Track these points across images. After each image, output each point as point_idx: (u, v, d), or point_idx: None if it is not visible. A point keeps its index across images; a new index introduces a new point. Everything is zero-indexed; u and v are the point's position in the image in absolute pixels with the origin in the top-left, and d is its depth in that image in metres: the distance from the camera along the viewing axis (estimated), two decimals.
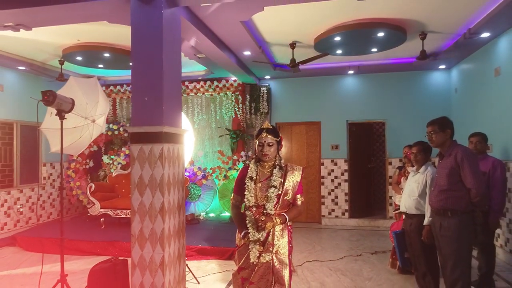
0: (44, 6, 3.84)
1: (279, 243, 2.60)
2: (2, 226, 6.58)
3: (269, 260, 2.56)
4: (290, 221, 2.65)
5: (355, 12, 4.55)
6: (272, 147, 2.62)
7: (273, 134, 2.64)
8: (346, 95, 7.71)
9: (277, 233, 2.61)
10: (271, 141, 2.62)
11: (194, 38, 4.77)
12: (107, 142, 8.29)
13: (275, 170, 2.64)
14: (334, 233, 7.02)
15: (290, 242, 2.68)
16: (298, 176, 2.67)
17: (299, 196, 2.67)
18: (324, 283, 4.39)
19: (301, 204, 2.68)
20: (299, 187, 2.66)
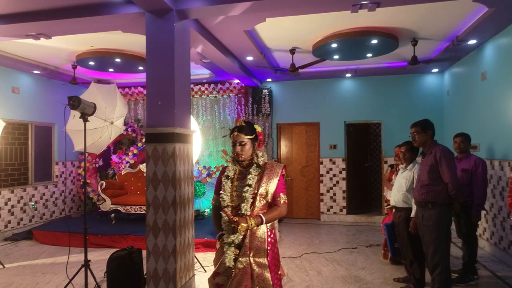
0: (65, 19, 4.23)
1: (257, 247, 2.42)
2: (19, 221, 6.98)
3: (246, 265, 2.38)
4: (269, 223, 2.48)
5: (350, 21, 4.91)
6: (246, 146, 2.49)
7: (245, 132, 2.50)
8: (344, 97, 8.08)
9: (255, 235, 2.44)
10: (243, 140, 2.48)
11: (201, 46, 5.15)
12: (116, 142, 8.68)
13: (252, 168, 2.50)
14: (332, 228, 7.39)
15: (273, 246, 2.49)
16: (277, 175, 2.51)
17: (281, 195, 2.49)
18: (321, 272, 4.77)
19: (284, 204, 2.50)
20: (279, 186, 2.49)
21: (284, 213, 2.55)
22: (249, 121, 2.66)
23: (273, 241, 2.49)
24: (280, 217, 2.54)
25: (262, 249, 2.42)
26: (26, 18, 4.33)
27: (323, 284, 4.34)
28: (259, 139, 2.61)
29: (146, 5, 3.75)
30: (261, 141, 2.66)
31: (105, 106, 4.01)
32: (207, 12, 4.02)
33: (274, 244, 2.50)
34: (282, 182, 2.54)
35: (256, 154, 2.56)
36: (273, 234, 2.52)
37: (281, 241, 6.33)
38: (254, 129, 2.57)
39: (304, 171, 8.34)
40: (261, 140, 2.65)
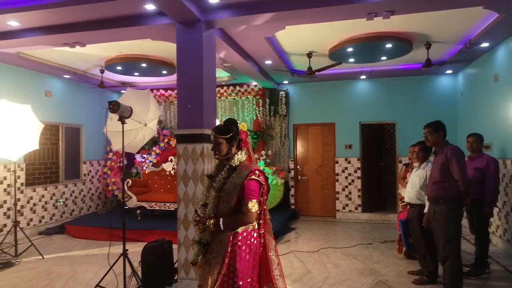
0: (101, 30, 4.61)
1: (216, 249, 2.37)
2: (51, 217, 7.44)
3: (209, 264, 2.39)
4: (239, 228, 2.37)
5: (365, 27, 5.15)
6: (220, 145, 2.47)
7: (220, 132, 2.47)
8: (359, 98, 8.30)
9: (216, 238, 2.39)
10: (218, 139, 2.47)
11: (224, 52, 5.48)
12: None
13: (224, 169, 2.49)
14: (347, 225, 7.63)
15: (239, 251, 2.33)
16: (242, 178, 2.36)
17: (246, 201, 2.33)
18: (338, 265, 5.03)
19: (247, 212, 2.32)
20: (245, 191, 2.33)
21: (246, 222, 2.36)
22: (232, 120, 2.55)
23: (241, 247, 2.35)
24: (242, 225, 2.38)
25: (220, 253, 2.35)
26: (64, 29, 4.72)
27: (341, 276, 4.60)
28: (240, 138, 2.52)
29: (177, 16, 4.09)
30: (244, 141, 2.55)
31: (139, 110, 4.36)
32: (232, 22, 4.35)
33: (242, 250, 2.35)
34: (250, 188, 2.34)
35: (231, 154, 2.49)
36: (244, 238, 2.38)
37: (298, 237, 6.61)
38: (230, 129, 2.48)
39: (320, 170, 8.60)
40: (243, 140, 2.55)
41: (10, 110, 5.27)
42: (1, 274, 4.82)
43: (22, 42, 5.03)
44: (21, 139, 5.34)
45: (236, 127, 2.52)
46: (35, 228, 7.01)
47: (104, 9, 4.18)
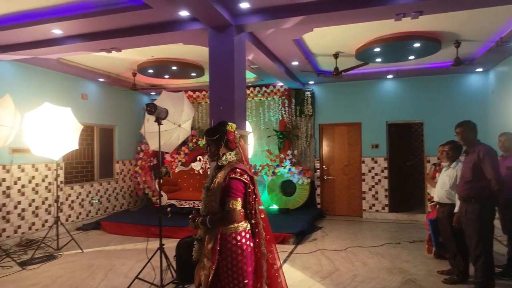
0: (136, 36, 4.85)
1: (207, 246, 2.45)
2: (87, 213, 7.83)
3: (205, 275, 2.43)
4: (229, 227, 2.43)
5: (392, 27, 5.16)
6: (210, 147, 2.58)
7: (207, 133, 2.59)
8: (386, 98, 8.27)
9: (208, 236, 2.48)
10: (208, 141, 2.59)
11: (252, 54, 5.63)
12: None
13: (213, 169, 2.58)
14: (374, 225, 7.63)
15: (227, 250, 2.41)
16: (223, 177, 2.44)
17: (228, 200, 2.39)
18: (366, 263, 5.08)
19: (228, 209, 2.38)
20: (228, 190, 2.41)
21: (229, 220, 2.40)
22: (222, 122, 2.65)
23: (232, 248, 2.41)
24: (226, 223, 2.43)
25: (208, 249, 2.44)
26: (103, 35, 5.00)
27: (369, 274, 4.66)
28: (227, 139, 2.57)
29: (210, 22, 4.28)
30: (231, 141, 2.60)
31: (173, 111, 4.58)
32: (262, 26, 4.49)
33: (232, 250, 2.41)
34: (232, 186, 2.40)
35: (219, 155, 2.56)
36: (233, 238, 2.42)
37: (325, 236, 6.68)
38: (217, 131, 2.57)
39: (346, 170, 8.62)
40: (231, 140, 2.59)
41: (52, 112, 5.62)
42: (46, 266, 5.16)
43: (64, 48, 5.36)
44: (63, 140, 5.67)
45: (224, 128, 2.59)
46: (73, 224, 7.40)
47: (141, 16, 4.41)
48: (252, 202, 2.53)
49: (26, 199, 6.46)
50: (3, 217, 6.05)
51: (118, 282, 4.50)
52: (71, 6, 4.35)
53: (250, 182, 2.51)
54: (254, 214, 2.55)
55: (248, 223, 2.53)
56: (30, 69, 6.58)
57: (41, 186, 6.75)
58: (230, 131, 2.60)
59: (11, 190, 6.19)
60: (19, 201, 6.33)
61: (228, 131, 2.59)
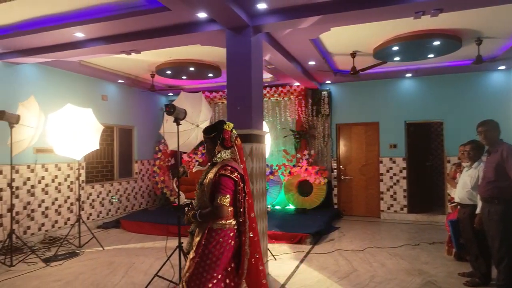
0: (154, 38, 4.94)
1: (196, 239, 2.56)
2: (108, 212, 8.01)
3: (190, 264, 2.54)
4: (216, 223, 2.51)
5: (411, 25, 5.10)
6: (207, 144, 2.71)
7: (205, 131, 2.71)
8: (404, 97, 8.15)
9: (198, 230, 2.58)
10: (205, 139, 2.71)
11: (269, 54, 5.65)
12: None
13: (208, 165, 2.68)
14: (392, 226, 7.53)
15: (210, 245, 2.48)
16: (214, 173, 2.53)
17: (217, 195, 2.47)
18: (385, 264, 5.03)
19: (216, 204, 2.45)
20: (217, 186, 2.48)
21: (217, 215, 2.48)
22: (220, 121, 2.72)
23: (213, 243, 2.48)
24: (214, 218, 2.49)
25: (195, 242, 2.56)
26: (123, 38, 5.11)
27: (387, 275, 4.61)
28: (223, 137, 2.64)
29: (227, 23, 4.32)
30: (227, 140, 2.66)
31: (191, 112, 4.64)
32: (279, 26, 4.51)
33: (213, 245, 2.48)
34: (221, 183, 2.48)
35: (214, 152, 2.66)
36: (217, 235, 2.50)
37: (342, 236, 6.64)
38: (214, 129, 2.67)
39: (364, 170, 8.53)
40: (226, 139, 2.65)
41: (74, 113, 5.78)
42: (69, 263, 5.31)
43: (85, 51, 5.50)
44: (84, 140, 5.82)
45: (221, 127, 2.67)
46: (94, 222, 7.58)
47: (160, 18, 4.49)
48: (242, 200, 2.57)
49: (49, 198, 6.66)
50: (28, 215, 6.26)
51: (138, 279, 4.60)
52: (92, 9, 4.47)
53: (240, 180, 2.55)
54: (243, 212, 2.58)
55: (236, 221, 2.60)
56: (53, 71, 6.79)
57: (64, 185, 6.95)
58: (226, 130, 2.66)
59: (35, 189, 6.40)
60: (43, 200, 6.54)
61: (225, 129, 2.66)
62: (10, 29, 5.01)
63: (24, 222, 6.20)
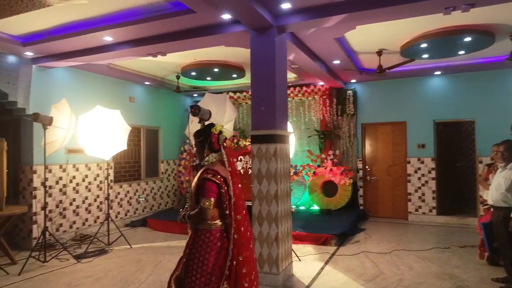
0: (181, 40, 5.01)
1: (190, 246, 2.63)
2: (135, 211, 8.20)
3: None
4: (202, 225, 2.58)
5: (441, 21, 4.93)
6: (197, 147, 2.77)
7: (194, 135, 2.77)
8: (433, 95, 7.90)
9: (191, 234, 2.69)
10: (195, 142, 2.79)
11: (293, 54, 5.62)
12: None
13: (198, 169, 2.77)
14: (421, 228, 7.32)
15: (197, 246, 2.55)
16: (197, 176, 2.61)
17: (201, 199, 2.52)
18: (413, 268, 4.90)
19: (200, 208, 2.51)
20: (201, 189, 2.54)
21: (201, 217, 2.53)
22: (210, 124, 2.80)
23: (199, 242, 2.55)
24: (198, 220, 2.56)
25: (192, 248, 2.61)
26: (149, 41, 5.22)
27: (416, 279, 4.48)
28: (211, 140, 2.69)
29: (251, 24, 4.33)
30: (213, 143, 2.70)
31: (216, 112, 4.68)
32: (303, 25, 4.48)
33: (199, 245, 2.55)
34: (204, 186, 2.52)
35: (202, 155, 2.72)
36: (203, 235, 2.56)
37: (368, 238, 6.52)
38: (202, 133, 2.74)
39: (390, 171, 8.34)
40: (213, 142, 2.70)
41: (103, 115, 5.95)
42: (98, 260, 5.48)
43: (114, 54, 5.65)
44: (112, 140, 5.99)
45: (208, 130, 2.71)
46: (122, 221, 7.79)
47: (185, 21, 4.56)
48: (227, 202, 2.56)
49: (80, 197, 6.89)
50: (60, 213, 6.50)
51: (165, 277, 4.66)
52: (120, 14, 4.59)
53: (223, 183, 2.56)
54: (228, 215, 2.57)
55: (223, 222, 2.61)
56: (83, 74, 7.02)
57: (93, 184, 7.18)
58: (213, 134, 2.71)
59: (67, 187, 6.64)
60: (74, 198, 6.78)
61: (212, 133, 2.71)
62: (44, 35, 5.23)
63: (57, 219, 6.45)
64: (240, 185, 2.65)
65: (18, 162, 6.30)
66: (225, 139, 2.72)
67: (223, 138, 2.72)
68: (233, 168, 2.68)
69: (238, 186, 2.63)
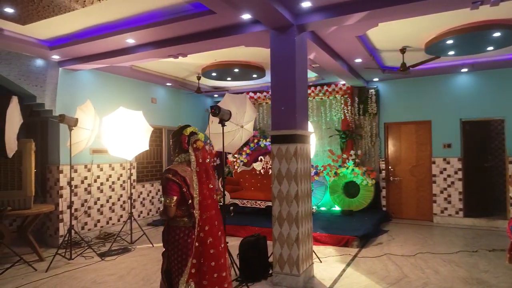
0: (201, 41, 5.04)
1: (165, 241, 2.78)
2: (157, 210, 8.33)
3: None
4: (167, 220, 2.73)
5: (468, 16, 4.76)
6: (171, 148, 2.90)
7: (171, 135, 2.91)
8: (459, 93, 7.65)
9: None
10: (171, 143, 2.91)
11: (313, 53, 5.56)
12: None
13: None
14: (447, 230, 7.10)
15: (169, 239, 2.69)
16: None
17: (163, 197, 2.65)
18: (439, 271, 4.74)
19: (163, 206, 2.65)
20: (163, 188, 2.68)
21: (164, 214, 2.66)
22: (183, 126, 2.87)
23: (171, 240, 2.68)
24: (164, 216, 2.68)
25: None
26: (170, 42, 5.27)
27: (442, 283, 4.34)
28: (180, 141, 2.80)
29: (271, 23, 4.31)
30: (182, 144, 2.80)
31: (236, 113, 4.69)
32: (324, 24, 4.42)
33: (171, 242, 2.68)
34: (165, 185, 2.64)
35: (173, 156, 2.84)
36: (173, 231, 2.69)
37: (391, 240, 6.37)
38: (175, 134, 2.84)
39: (414, 171, 8.13)
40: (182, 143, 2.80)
41: (126, 116, 6.07)
42: (121, 258, 5.59)
43: (136, 56, 5.75)
44: (135, 141, 6.10)
45: (180, 132, 2.81)
46: (144, 220, 7.92)
47: (205, 22, 4.58)
48: (189, 201, 2.65)
49: (104, 196, 7.06)
50: (85, 211, 6.68)
51: None
52: (142, 16, 4.66)
53: (183, 183, 2.63)
54: (192, 213, 2.66)
55: (190, 220, 2.69)
56: (107, 76, 7.19)
57: (117, 184, 7.33)
58: (184, 135, 2.80)
59: (91, 187, 6.81)
60: (98, 197, 6.94)
61: (183, 134, 2.80)
62: (69, 38, 5.38)
63: (82, 218, 6.63)
64: (211, 185, 2.74)
65: (45, 162, 6.52)
66: (196, 141, 2.77)
67: (193, 139, 2.77)
68: (204, 169, 2.75)
69: (208, 186, 2.72)
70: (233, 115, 4.51)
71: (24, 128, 6.03)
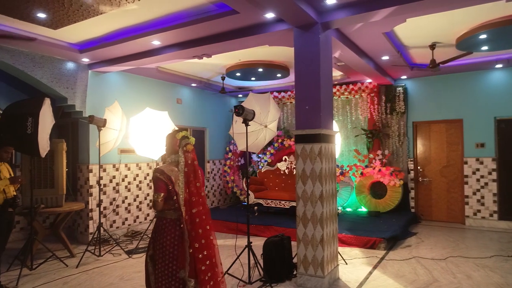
0: (225, 41, 5.06)
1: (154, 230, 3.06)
2: None
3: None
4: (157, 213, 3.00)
5: (503, 9, 4.53)
6: (166, 148, 3.15)
7: (166, 138, 3.15)
8: (493, 90, 7.31)
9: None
10: (166, 144, 3.15)
11: (339, 51, 5.46)
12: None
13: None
14: (480, 233, 6.80)
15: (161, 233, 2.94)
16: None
17: (153, 192, 2.95)
18: (471, 276, 4.54)
19: (152, 200, 2.97)
20: (154, 185, 2.96)
21: (154, 207, 2.95)
22: (177, 130, 3.11)
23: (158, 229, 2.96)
24: (154, 209, 3.02)
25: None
26: (195, 43, 5.32)
27: None
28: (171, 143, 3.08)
29: (295, 21, 4.26)
30: (173, 145, 3.06)
31: (259, 112, 4.67)
32: (349, 21, 4.32)
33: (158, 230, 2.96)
34: (154, 182, 2.94)
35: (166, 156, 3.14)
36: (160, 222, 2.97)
37: (420, 243, 6.17)
38: (169, 136, 3.12)
39: (445, 172, 7.84)
40: (173, 145, 3.06)
41: (152, 116, 6.18)
42: None
43: (162, 58, 5.85)
44: (161, 141, 6.19)
45: (174, 135, 3.06)
46: None
47: (229, 22, 4.59)
48: (175, 197, 2.92)
49: (131, 195, 7.22)
50: (113, 210, 6.86)
51: None
52: (166, 18, 4.73)
53: (169, 181, 2.91)
54: (178, 208, 2.91)
55: (175, 214, 2.94)
56: (134, 78, 7.35)
57: (144, 183, 7.48)
58: (176, 138, 3.06)
59: (119, 186, 6.98)
60: (126, 196, 7.11)
61: (175, 138, 3.06)
62: (98, 42, 5.53)
63: (110, 216, 6.81)
64: (198, 184, 2.96)
65: (76, 161, 6.75)
66: (186, 144, 2.98)
67: (184, 143, 2.98)
68: (192, 169, 2.97)
69: (196, 185, 2.95)
70: (257, 115, 4.51)
71: (56, 129, 6.27)
